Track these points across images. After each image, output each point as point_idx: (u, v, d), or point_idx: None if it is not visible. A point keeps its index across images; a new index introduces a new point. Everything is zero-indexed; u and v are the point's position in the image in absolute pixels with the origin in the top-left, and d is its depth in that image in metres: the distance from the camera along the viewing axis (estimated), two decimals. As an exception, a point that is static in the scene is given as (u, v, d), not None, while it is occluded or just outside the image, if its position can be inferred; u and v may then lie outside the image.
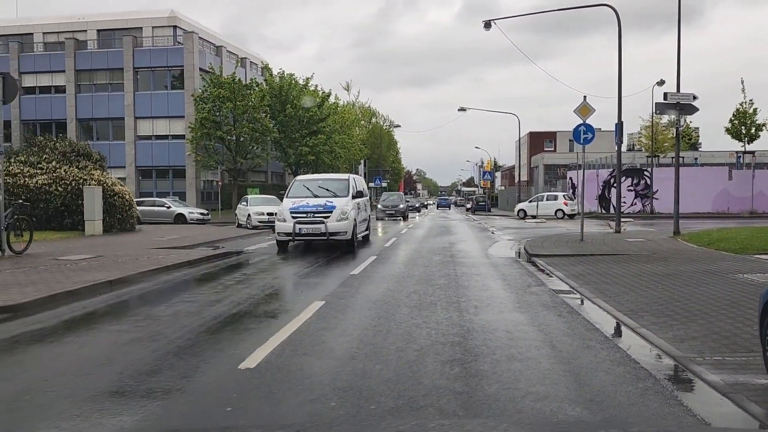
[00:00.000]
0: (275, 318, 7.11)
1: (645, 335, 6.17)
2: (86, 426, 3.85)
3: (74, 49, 48.34)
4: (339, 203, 15.42)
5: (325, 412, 4.03)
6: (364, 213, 17.65)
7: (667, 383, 4.71)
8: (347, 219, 15.22)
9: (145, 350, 5.66)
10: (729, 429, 4.10)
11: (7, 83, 12.40)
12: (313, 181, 17.58)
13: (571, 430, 2.26)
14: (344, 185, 16.68)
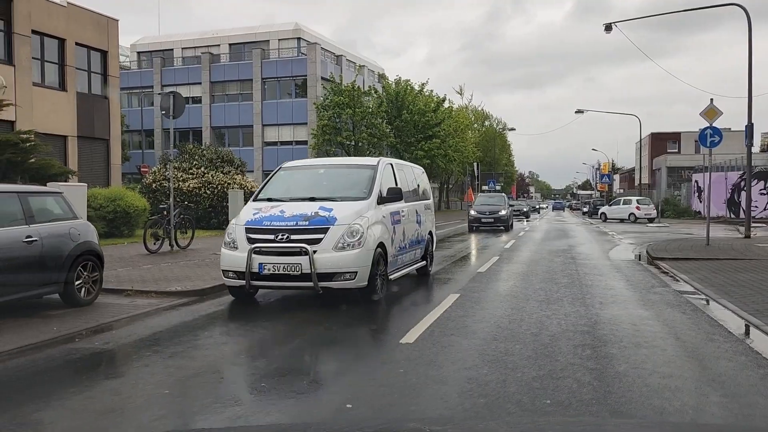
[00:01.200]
0: (419, 306, 8.12)
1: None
2: (296, 362, 4.98)
3: (209, 62, 52.31)
4: (344, 212, 8.09)
5: (479, 377, 4.93)
6: (415, 226, 10.19)
7: (786, 370, 5.21)
8: (360, 245, 7.85)
9: (319, 327, 6.83)
10: None
11: (177, 101, 14.32)
12: (310, 169, 10.15)
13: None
14: (364, 178, 9.04)
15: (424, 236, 10.88)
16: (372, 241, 8.02)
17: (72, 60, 24.96)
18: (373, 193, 8.64)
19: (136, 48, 57.68)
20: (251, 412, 4.17)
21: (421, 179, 11.75)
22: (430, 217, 11.52)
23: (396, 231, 9.09)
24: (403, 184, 9.85)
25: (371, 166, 9.33)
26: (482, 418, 3.90)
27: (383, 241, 8.42)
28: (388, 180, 9.36)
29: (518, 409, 4.17)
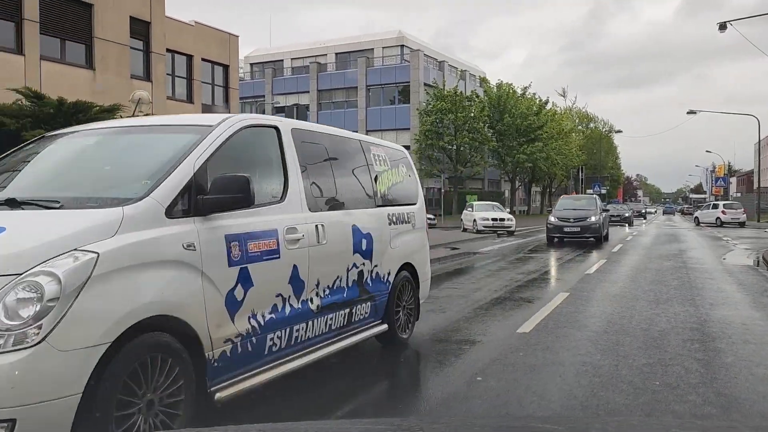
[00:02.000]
0: (531, 302, 8.71)
1: None
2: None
3: (316, 71, 54.61)
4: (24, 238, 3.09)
5: (593, 362, 5.53)
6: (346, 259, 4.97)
7: None
8: (35, 339, 2.74)
9: (443, 315, 7.61)
10: None
11: (300, 112, 15.64)
12: None
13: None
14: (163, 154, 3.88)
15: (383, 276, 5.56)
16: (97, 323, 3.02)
17: (198, 74, 27.22)
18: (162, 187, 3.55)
19: (249, 60, 61.03)
20: (418, 369, 5.00)
21: (396, 168, 6.37)
22: (410, 237, 6.23)
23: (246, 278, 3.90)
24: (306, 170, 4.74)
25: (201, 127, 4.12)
26: (599, 404, 4.51)
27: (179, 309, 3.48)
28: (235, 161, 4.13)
29: (630, 388, 4.75)
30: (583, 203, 22.65)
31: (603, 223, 21.47)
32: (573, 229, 20.73)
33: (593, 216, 20.92)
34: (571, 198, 25.69)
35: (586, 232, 20.75)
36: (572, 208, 21.96)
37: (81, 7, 20.68)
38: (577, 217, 20.98)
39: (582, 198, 25.50)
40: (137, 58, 23.21)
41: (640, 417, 4.03)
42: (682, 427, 1.79)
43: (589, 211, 21.28)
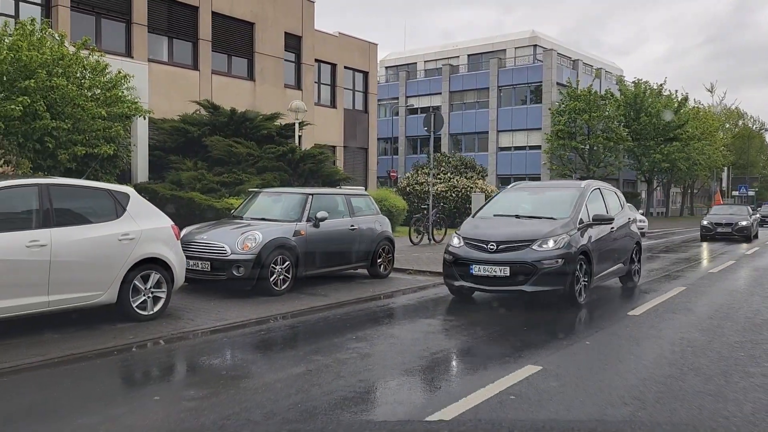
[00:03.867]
0: (647, 293, 9.61)
1: None
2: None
3: (449, 73, 55.99)
4: None
5: (690, 337, 6.52)
6: None
7: None
8: None
9: (563, 300, 8.78)
10: None
11: (437, 117, 17.11)
12: None
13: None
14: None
15: None
16: None
17: (341, 81, 29.57)
18: None
19: (384, 63, 63.58)
20: (530, 341, 6.32)
21: None
22: None
23: None
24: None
25: None
26: (709, 366, 5.57)
27: None
28: None
29: (716, 356, 5.76)
30: (735, 210, 26.31)
31: (751, 225, 24.07)
32: (724, 230, 23.54)
33: (744, 221, 23.72)
34: (726, 206, 29.56)
35: (736, 233, 23.31)
36: (724, 213, 25.55)
37: (245, 26, 23.50)
38: (728, 221, 23.79)
39: (735, 207, 28.97)
40: (290, 69, 25.84)
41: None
42: None
43: (740, 217, 24.31)
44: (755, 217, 25.93)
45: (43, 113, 10.75)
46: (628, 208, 33.65)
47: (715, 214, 25.66)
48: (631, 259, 10.08)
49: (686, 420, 4.07)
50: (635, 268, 10.39)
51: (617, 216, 9.60)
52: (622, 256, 9.75)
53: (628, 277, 10.15)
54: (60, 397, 4.55)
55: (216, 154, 16.72)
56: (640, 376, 5.08)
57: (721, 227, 23.52)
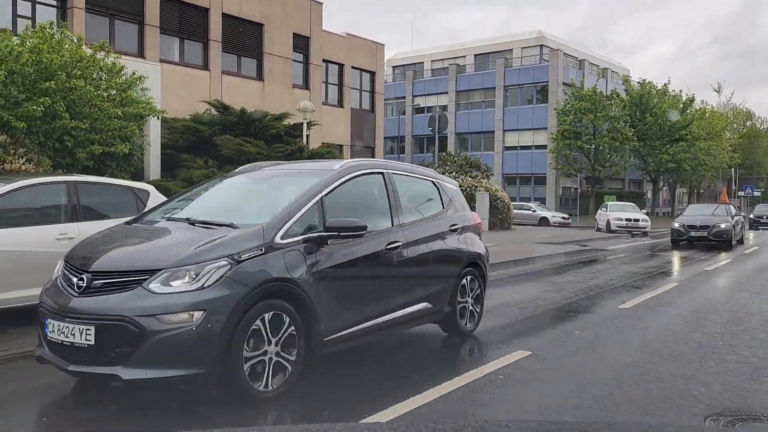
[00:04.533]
0: (640, 289, 10.02)
1: None
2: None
3: (455, 73, 56.36)
4: None
5: (674, 328, 6.94)
6: None
7: None
8: None
9: (560, 295, 9.20)
10: None
11: (441, 118, 17.55)
12: None
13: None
14: None
15: None
16: None
17: (348, 81, 30.02)
18: None
19: (391, 63, 63.96)
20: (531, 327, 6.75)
21: None
22: None
23: None
24: None
25: None
26: (684, 350, 5.98)
27: None
28: None
29: (696, 344, 6.17)
30: (714, 210, 22.22)
31: (733, 228, 20.21)
32: (699, 234, 19.88)
33: (723, 223, 19.94)
34: (703, 206, 25.18)
35: (715, 237, 19.66)
36: (699, 214, 21.67)
37: (254, 27, 23.99)
38: (704, 223, 20.09)
39: (714, 206, 24.23)
40: (297, 69, 26.32)
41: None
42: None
43: (718, 218, 20.50)
44: (738, 218, 21.89)
45: (62, 113, 11.24)
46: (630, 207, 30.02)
47: (690, 215, 21.92)
48: (456, 292, 6.15)
49: (658, 398, 4.48)
50: (466, 308, 6.40)
51: (415, 223, 5.78)
52: (429, 289, 5.87)
53: (449, 322, 6.24)
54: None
55: (226, 153, 17.19)
56: (622, 361, 5.50)
57: (696, 230, 19.94)
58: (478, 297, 6.60)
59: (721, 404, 4.36)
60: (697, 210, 22.87)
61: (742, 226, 22.43)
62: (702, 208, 23.49)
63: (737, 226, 20.97)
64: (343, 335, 4.79)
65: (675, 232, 20.50)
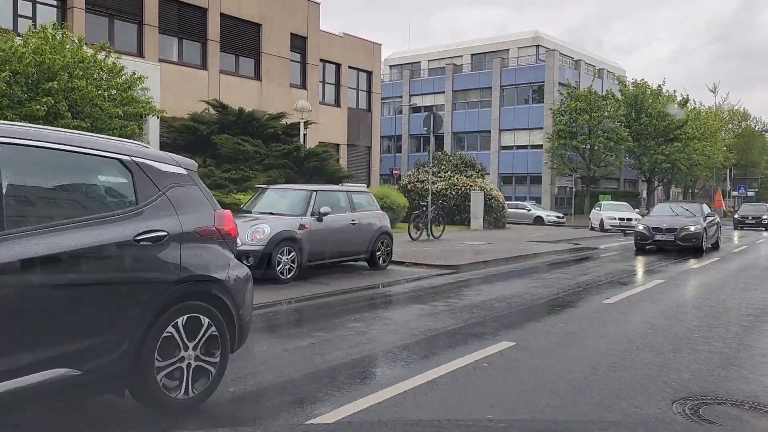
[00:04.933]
0: (626, 285, 10.34)
1: None
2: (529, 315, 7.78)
3: (452, 73, 56.66)
4: None
5: (654, 321, 7.25)
6: None
7: None
8: None
9: (548, 291, 9.51)
10: None
11: (435, 118, 17.84)
12: None
13: None
14: None
15: None
16: None
17: (345, 81, 30.30)
18: None
19: (388, 62, 64.25)
20: (518, 321, 7.06)
21: None
22: None
23: None
24: None
25: None
26: (661, 342, 6.29)
27: None
28: None
29: (673, 336, 6.49)
30: (685, 210, 19.46)
31: (705, 232, 17.61)
32: (665, 237, 17.45)
33: (693, 226, 17.48)
34: (673, 205, 21.50)
35: (682, 241, 17.30)
36: (666, 215, 19.14)
37: (252, 27, 24.25)
38: (671, 225, 17.62)
39: (686, 205, 20.85)
40: (295, 68, 26.60)
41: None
42: None
43: (688, 220, 18.02)
44: (712, 219, 19.15)
45: (65, 113, 11.53)
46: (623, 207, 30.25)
47: (656, 215, 19.37)
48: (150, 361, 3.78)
49: (630, 383, 4.80)
50: None
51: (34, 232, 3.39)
52: None
53: None
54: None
55: (224, 151, 17.49)
56: (600, 351, 5.81)
57: (661, 233, 17.47)
58: None
59: (688, 390, 4.67)
60: (664, 210, 20.19)
61: (717, 228, 19.90)
62: (670, 207, 20.61)
63: (710, 229, 18.46)
64: None
65: (639, 235, 18.03)
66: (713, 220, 19.26)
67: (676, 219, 18.07)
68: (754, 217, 32.93)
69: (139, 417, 3.94)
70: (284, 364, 5.25)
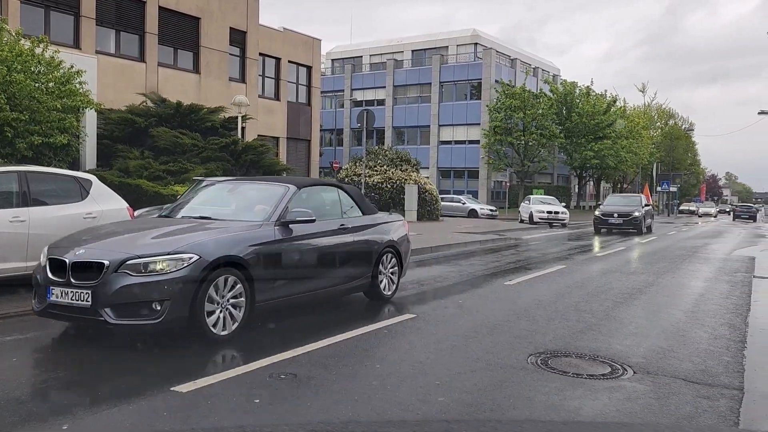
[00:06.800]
0: (530, 270, 11.51)
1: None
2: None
3: (393, 68, 57.71)
4: None
5: (543, 298, 8.37)
6: None
7: (752, 312, 7.97)
8: None
9: (460, 275, 10.57)
10: None
11: (369, 115, 18.74)
12: None
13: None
14: None
15: None
16: None
17: (285, 75, 30.85)
18: None
19: (330, 56, 64.80)
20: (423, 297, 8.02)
21: None
22: None
23: None
24: None
25: None
26: (541, 314, 7.35)
27: None
28: None
29: (554, 309, 7.58)
30: (629, 201, 26.19)
31: (644, 217, 24.25)
32: (617, 221, 23.88)
33: (636, 212, 24.01)
34: (619, 196, 29.17)
35: (628, 225, 23.74)
36: (617, 204, 25.55)
37: (191, 20, 24.55)
38: (621, 212, 24.08)
39: (629, 197, 28.42)
40: (234, 62, 26.99)
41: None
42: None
43: (632, 208, 24.45)
44: (648, 209, 25.82)
45: (3, 106, 11.85)
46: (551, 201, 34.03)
47: (609, 204, 25.84)
48: None
49: (501, 343, 5.81)
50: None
51: None
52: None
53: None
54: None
55: (162, 144, 17.91)
56: (485, 321, 6.84)
57: (613, 218, 23.93)
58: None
59: (546, 348, 5.71)
60: (615, 200, 26.81)
61: (651, 215, 26.40)
62: (619, 198, 27.51)
63: (647, 216, 24.72)
64: None
65: (597, 219, 24.42)
66: (649, 210, 25.89)
67: (624, 207, 24.35)
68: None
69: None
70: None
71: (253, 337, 5.84)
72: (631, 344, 5.95)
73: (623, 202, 26.07)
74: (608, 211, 24.55)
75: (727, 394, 4.55)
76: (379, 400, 4.16)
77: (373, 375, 4.71)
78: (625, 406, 4.23)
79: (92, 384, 4.58)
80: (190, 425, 3.69)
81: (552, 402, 4.25)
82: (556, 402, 4.26)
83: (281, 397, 4.19)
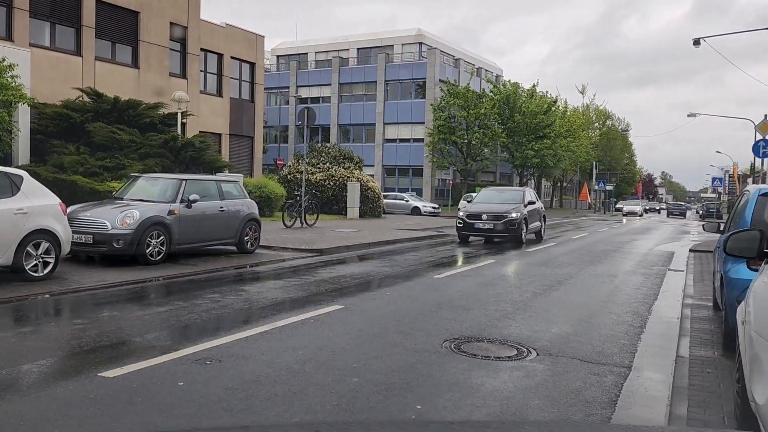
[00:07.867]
0: (461, 264, 11.99)
1: (687, 291, 9.85)
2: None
3: (339, 65, 57.86)
4: None
5: (467, 289, 8.82)
6: None
7: (657, 301, 8.63)
8: None
9: (393, 269, 10.95)
10: None
11: (310, 113, 18.95)
12: None
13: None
14: None
15: None
16: None
17: (228, 71, 30.66)
18: None
19: (276, 52, 64.46)
20: (347, 290, 8.35)
21: None
22: None
23: None
24: None
25: None
26: (463, 304, 7.78)
27: None
28: None
29: (474, 300, 8.03)
30: (506, 197, 18.58)
31: (525, 219, 17.07)
32: (484, 225, 16.91)
33: (513, 213, 16.94)
34: (494, 190, 20.53)
35: (502, 232, 16.88)
36: (488, 202, 18.12)
37: (129, 14, 24.20)
38: (492, 213, 16.99)
39: (507, 191, 20.81)
40: (175, 58, 26.71)
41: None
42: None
43: (508, 207, 17.23)
44: (536, 207, 18.61)
45: (-70, 99, 11.59)
46: None
47: (479, 202, 18.40)
48: None
49: (420, 329, 6.20)
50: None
51: None
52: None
53: None
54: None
55: (99, 139, 17.69)
56: (409, 311, 7.23)
57: (481, 222, 16.86)
58: None
59: (461, 334, 6.13)
60: (487, 196, 19.03)
61: (542, 217, 19.38)
62: (494, 193, 19.64)
63: (532, 217, 17.95)
64: None
65: (460, 224, 17.28)
66: (539, 207, 19.06)
67: (498, 206, 17.37)
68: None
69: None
70: (144, 324, 6.23)
71: (187, 328, 6.06)
72: (539, 330, 6.44)
73: (499, 198, 18.38)
74: (476, 211, 17.31)
75: (615, 371, 5.05)
76: (298, 381, 4.47)
77: (294, 359, 5.02)
78: (523, 383, 4.66)
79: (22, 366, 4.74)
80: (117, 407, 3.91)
81: (456, 380, 4.65)
82: (461, 380, 4.66)
83: (202, 381, 4.45)
